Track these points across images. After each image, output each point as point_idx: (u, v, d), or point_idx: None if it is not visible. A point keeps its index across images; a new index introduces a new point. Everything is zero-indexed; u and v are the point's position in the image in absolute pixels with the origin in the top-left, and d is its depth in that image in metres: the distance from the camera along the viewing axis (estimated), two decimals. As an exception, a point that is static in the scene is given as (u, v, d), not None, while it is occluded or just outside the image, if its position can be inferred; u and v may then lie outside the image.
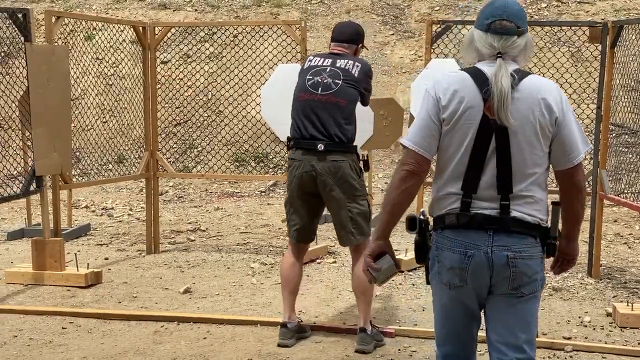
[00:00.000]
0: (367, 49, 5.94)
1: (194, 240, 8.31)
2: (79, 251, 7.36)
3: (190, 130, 12.01)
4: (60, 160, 6.64)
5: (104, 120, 11.09)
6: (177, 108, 12.12)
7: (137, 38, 7.81)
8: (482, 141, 2.94)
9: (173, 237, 8.41)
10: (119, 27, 8.27)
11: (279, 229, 8.71)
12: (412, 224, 3.06)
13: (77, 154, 10.66)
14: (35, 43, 6.64)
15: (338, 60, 5.11)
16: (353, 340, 5.11)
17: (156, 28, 7.90)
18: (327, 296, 6.24)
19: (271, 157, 10.24)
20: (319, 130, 4.97)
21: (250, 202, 10.46)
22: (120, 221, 9.41)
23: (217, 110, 11.40)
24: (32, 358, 4.90)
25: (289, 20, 8.48)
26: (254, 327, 5.45)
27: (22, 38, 6.57)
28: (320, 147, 4.93)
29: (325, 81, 5.03)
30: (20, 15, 6.46)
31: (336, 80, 5.01)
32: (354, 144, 5.09)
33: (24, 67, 6.59)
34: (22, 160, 7.81)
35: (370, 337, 5.06)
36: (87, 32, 11.67)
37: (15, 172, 8.26)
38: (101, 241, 8.29)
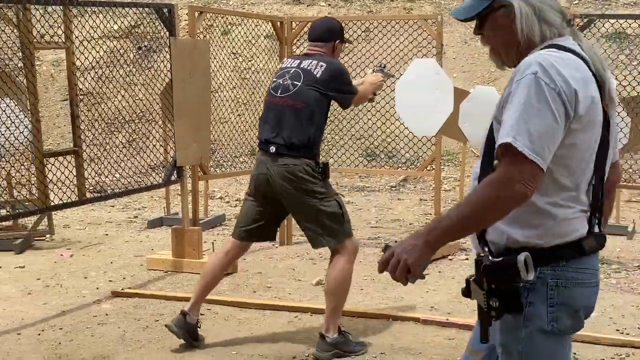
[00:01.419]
0: (351, 43, 5.49)
1: (326, 233, 8.37)
2: (215, 240, 7.54)
3: (322, 124, 12.09)
4: (200, 151, 6.82)
5: (238, 113, 11.31)
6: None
7: (272, 33, 7.92)
8: (604, 142, 2.40)
9: (305, 229, 8.50)
10: (255, 22, 8.42)
11: (410, 224, 8.68)
12: (527, 266, 2.27)
13: (213, 146, 10.92)
14: (179, 37, 6.84)
15: (304, 61, 4.87)
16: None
17: (293, 23, 8.00)
18: (460, 292, 6.16)
19: (403, 152, 10.20)
20: (274, 133, 4.80)
21: (380, 196, 10.46)
22: (253, 212, 9.57)
23: (348, 105, 11.43)
24: (172, 341, 5.05)
25: (425, 15, 8.44)
26: (385, 321, 5.45)
27: (167, 33, 6.78)
28: (272, 149, 4.77)
29: (285, 83, 4.84)
30: (165, 11, 6.67)
31: (295, 82, 4.80)
32: (313, 148, 4.82)
33: (166, 61, 6.81)
34: (163, 151, 8.07)
35: (328, 345, 4.80)
36: (224, 27, 11.93)
37: (157, 162, 8.55)
38: (235, 231, 8.46)
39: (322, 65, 4.80)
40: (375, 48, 8.81)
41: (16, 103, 6.20)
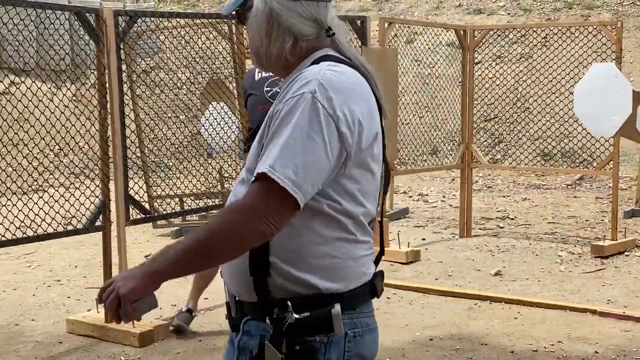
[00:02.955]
0: None
1: (503, 227, 8.27)
2: (399, 231, 7.63)
3: (499, 125, 11.93)
4: (389, 149, 6.92)
5: (420, 115, 11.34)
6: (487, 105, 12.09)
7: (455, 41, 7.91)
8: (386, 165, 1.94)
9: (483, 223, 8.43)
10: (437, 31, 8.42)
11: (586, 220, 8.42)
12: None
13: (397, 145, 11.02)
14: (370, 46, 6.97)
15: None
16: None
17: (475, 31, 7.94)
18: (636, 287, 5.94)
19: (579, 152, 9.88)
20: None
21: (556, 194, 10.19)
22: (434, 206, 9.60)
23: (525, 108, 11.22)
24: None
25: (605, 21, 8.14)
26: (563, 312, 5.33)
27: (359, 42, 6.93)
28: None
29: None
30: (358, 22, 6.81)
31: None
32: None
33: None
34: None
35: None
36: (408, 36, 12.00)
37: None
38: (418, 223, 8.52)
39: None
40: (555, 54, 8.59)
41: (228, 106, 6.55)
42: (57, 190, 5.26)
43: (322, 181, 1.73)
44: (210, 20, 6.48)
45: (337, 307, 1.78)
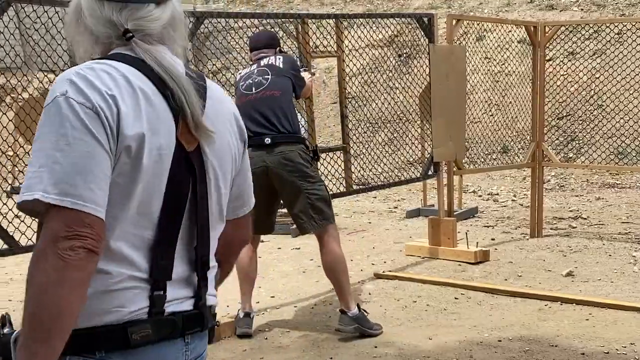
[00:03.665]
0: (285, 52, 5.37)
1: (575, 227, 8.04)
2: (468, 231, 7.49)
3: (572, 122, 11.63)
4: (455, 148, 6.81)
5: (490, 114, 11.14)
6: (559, 102, 11.81)
7: (526, 37, 7.73)
8: (178, 185, 1.58)
9: (555, 223, 8.21)
10: (508, 28, 8.26)
11: (662, 221, 8.13)
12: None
13: (466, 143, 10.85)
14: (437, 44, 6.86)
15: (261, 61, 4.83)
16: None
17: (546, 27, 7.74)
18: None
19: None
20: (262, 125, 4.64)
21: (631, 193, 9.87)
22: (504, 206, 9.41)
23: (598, 105, 10.91)
24: (429, 321, 5.10)
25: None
26: (636, 313, 5.13)
27: (426, 40, 6.83)
28: (267, 140, 4.61)
29: (256, 80, 4.73)
30: (425, 20, 6.72)
31: (265, 76, 4.72)
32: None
33: (425, 66, 6.86)
34: (420, 148, 8.14)
35: (350, 319, 4.68)
36: (478, 33, 11.80)
37: (415, 158, 8.64)
38: (487, 223, 8.36)
39: (279, 58, 4.86)
40: (629, 50, 8.32)
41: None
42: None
43: (103, 176, 1.50)
44: (276, 20, 6.47)
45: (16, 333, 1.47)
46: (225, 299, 5.48)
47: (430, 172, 7.05)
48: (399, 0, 16.09)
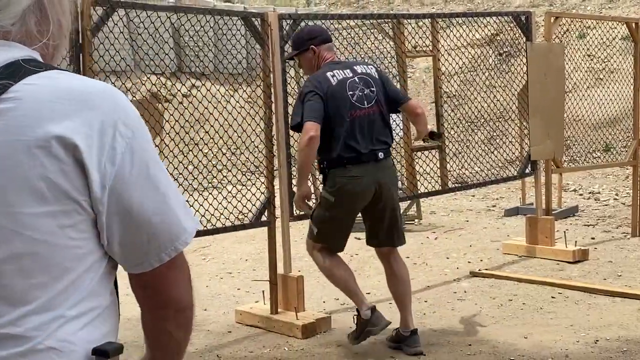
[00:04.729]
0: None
1: (680, 227, 7.72)
2: (567, 230, 7.30)
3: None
4: (553, 146, 6.66)
5: (592, 112, 10.84)
6: (665, 99, 11.36)
7: (629, 34, 7.47)
8: None
9: (658, 223, 7.91)
10: (611, 25, 8.02)
11: None
12: None
13: (567, 142, 10.58)
14: (535, 42, 6.72)
15: (354, 67, 4.55)
16: None
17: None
18: None
19: None
20: (377, 141, 4.43)
21: None
22: (606, 205, 9.12)
23: None
24: (524, 320, 5.00)
25: None
26: None
27: (524, 38, 6.70)
28: (381, 155, 4.42)
29: (365, 93, 4.44)
30: (523, 18, 6.59)
31: (372, 89, 4.47)
32: None
33: (523, 65, 6.73)
34: (519, 147, 7.99)
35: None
36: (580, 31, 11.47)
37: (513, 157, 8.49)
38: (587, 222, 8.13)
39: (370, 67, 4.62)
40: None
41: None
42: (234, 187, 5.46)
43: None
44: (371, 20, 6.48)
45: None
46: (320, 295, 5.55)
47: (528, 171, 6.91)
48: (500, -2, 15.81)
